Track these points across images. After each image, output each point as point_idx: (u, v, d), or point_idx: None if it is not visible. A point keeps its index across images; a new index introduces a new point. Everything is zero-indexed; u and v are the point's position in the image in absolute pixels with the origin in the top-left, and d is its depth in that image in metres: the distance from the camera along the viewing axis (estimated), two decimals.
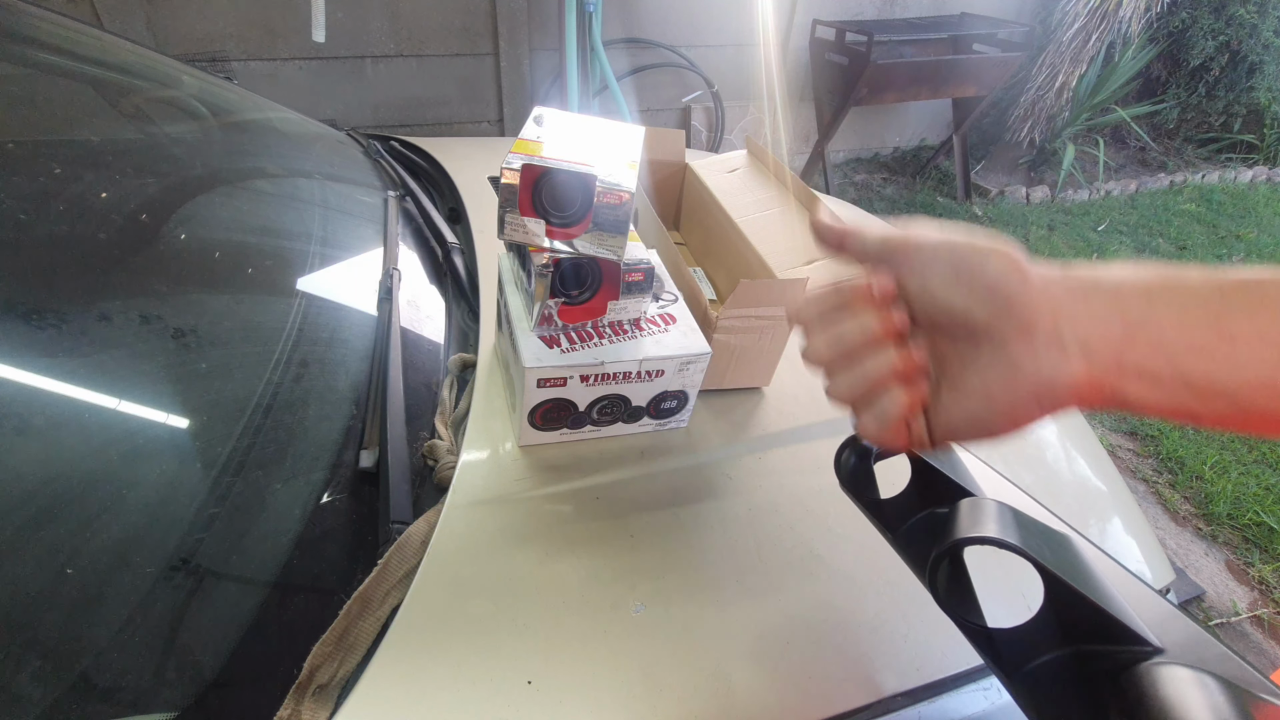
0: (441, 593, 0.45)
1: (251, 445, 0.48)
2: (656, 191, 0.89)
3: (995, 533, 0.29)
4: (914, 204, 2.99)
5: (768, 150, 0.83)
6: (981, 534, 0.29)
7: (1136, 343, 0.27)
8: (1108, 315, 0.27)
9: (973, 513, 0.31)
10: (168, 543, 0.41)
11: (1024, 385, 0.28)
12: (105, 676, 0.37)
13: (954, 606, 0.33)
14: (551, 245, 0.49)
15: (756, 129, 2.85)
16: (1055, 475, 0.69)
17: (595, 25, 2.22)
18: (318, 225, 0.75)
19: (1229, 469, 1.71)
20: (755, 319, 0.61)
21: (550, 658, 0.43)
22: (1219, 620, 1.37)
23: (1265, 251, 2.78)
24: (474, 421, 0.58)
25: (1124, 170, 3.44)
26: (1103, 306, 0.28)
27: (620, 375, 0.54)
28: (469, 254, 0.81)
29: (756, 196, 0.78)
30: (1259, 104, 3.41)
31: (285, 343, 0.57)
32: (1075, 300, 0.28)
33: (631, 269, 0.53)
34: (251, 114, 0.97)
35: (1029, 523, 0.31)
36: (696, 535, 0.53)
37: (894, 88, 2.61)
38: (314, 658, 0.40)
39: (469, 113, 2.48)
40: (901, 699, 0.45)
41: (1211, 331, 0.26)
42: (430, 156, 1.08)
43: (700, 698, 0.43)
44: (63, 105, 0.71)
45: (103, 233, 0.54)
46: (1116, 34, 2.75)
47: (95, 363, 0.45)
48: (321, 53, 2.16)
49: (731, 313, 0.59)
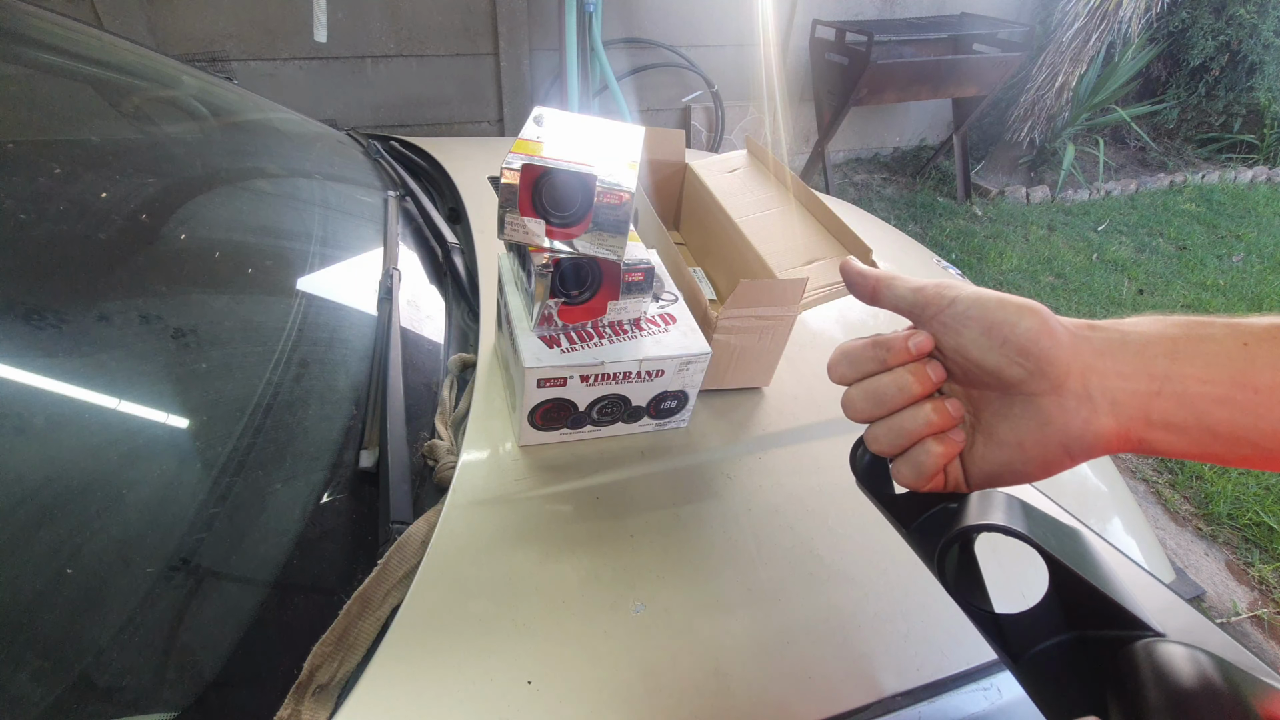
0: (441, 593, 0.45)
1: (251, 445, 0.48)
2: (656, 191, 0.89)
3: (1003, 521, 0.29)
4: (914, 204, 2.99)
5: (768, 150, 0.83)
6: (989, 522, 0.30)
7: (1162, 397, 0.28)
8: (1134, 372, 0.29)
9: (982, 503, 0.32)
10: (168, 543, 0.41)
11: (1055, 438, 0.30)
12: (105, 676, 0.37)
13: (962, 593, 0.33)
14: (551, 245, 0.49)
15: (756, 129, 2.85)
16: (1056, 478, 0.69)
17: (595, 25, 2.22)
18: (318, 225, 0.75)
19: (1229, 469, 1.71)
20: (755, 319, 0.61)
21: (550, 658, 0.43)
22: (1219, 620, 1.37)
23: (1265, 251, 2.78)
24: (474, 421, 0.58)
25: (1124, 170, 3.44)
26: (1129, 364, 0.29)
27: (620, 375, 0.54)
28: (469, 254, 0.81)
29: (756, 196, 0.78)
30: (1259, 104, 3.42)
31: (285, 343, 0.57)
32: (1103, 358, 0.29)
33: (631, 269, 0.53)
34: (251, 114, 0.97)
35: (1038, 515, 0.32)
36: (696, 535, 0.53)
37: (894, 88, 2.61)
38: (314, 658, 0.40)
39: (469, 113, 2.48)
40: (902, 699, 0.45)
41: (1235, 385, 0.27)
42: (430, 156, 1.08)
43: (700, 698, 0.43)
44: (63, 105, 0.71)
45: (103, 233, 0.54)
46: (1116, 34, 2.74)
47: (95, 363, 0.45)
48: (321, 53, 2.16)
49: (732, 313, 0.59)
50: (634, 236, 0.56)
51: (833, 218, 0.70)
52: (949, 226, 2.82)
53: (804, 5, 2.68)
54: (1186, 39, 3.21)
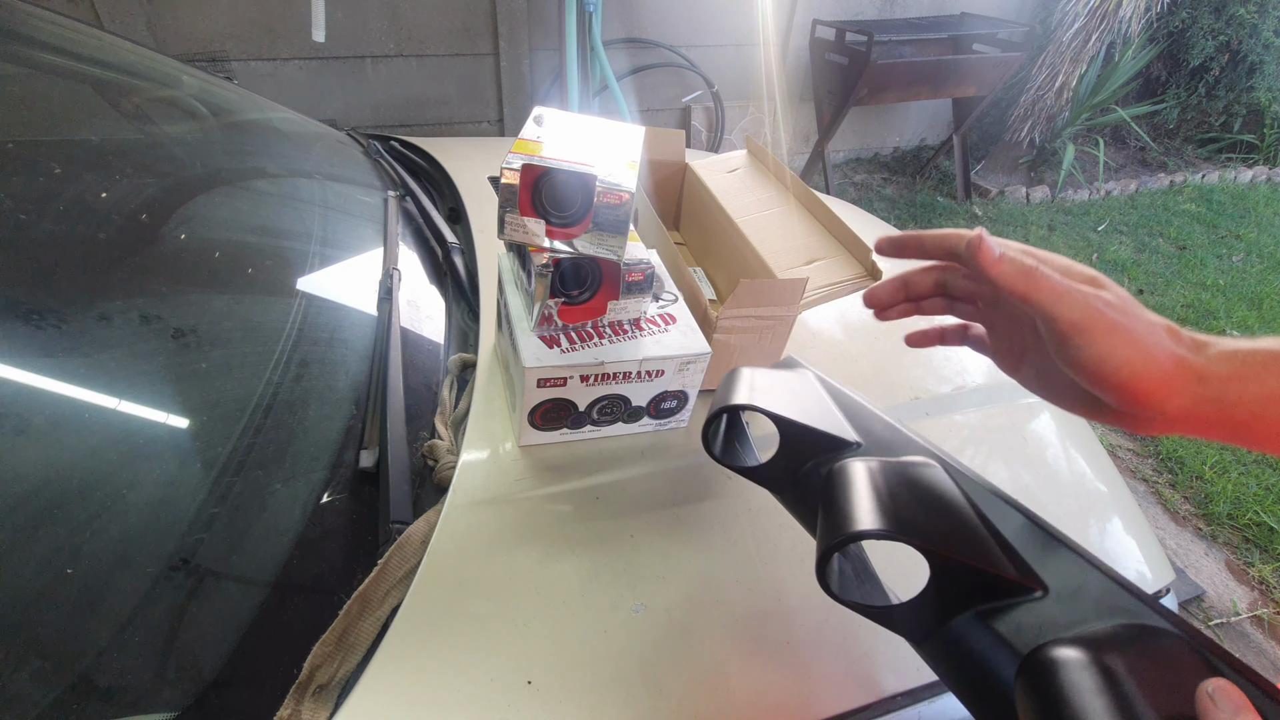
0: (441, 593, 0.45)
1: (251, 445, 0.48)
2: (656, 191, 0.89)
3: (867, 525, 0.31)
4: (914, 204, 2.99)
5: (767, 150, 0.84)
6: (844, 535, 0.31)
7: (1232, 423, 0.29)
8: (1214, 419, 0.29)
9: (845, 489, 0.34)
10: (168, 543, 0.41)
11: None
12: (105, 676, 0.37)
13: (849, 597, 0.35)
14: (551, 245, 0.49)
15: (756, 129, 2.85)
16: (1055, 475, 0.69)
17: (595, 25, 2.22)
18: (318, 225, 0.75)
19: (1229, 469, 1.71)
20: (755, 319, 0.60)
21: (550, 658, 0.43)
22: (1219, 620, 1.37)
23: (1265, 251, 2.78)
24: (474, 421, 0.58)
25: (1124, 170, 3.44)
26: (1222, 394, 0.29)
27: (620, 375, 0.54)
28: (469, 254, 0.81)
29: (757, 196, 0.78)
30: (1259, 104, 3.42)
31: (285, 343, 0.57)
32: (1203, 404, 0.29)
33: (631, 269, 0.53)
34: (251, 114, 0.97)
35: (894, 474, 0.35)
36: (696, 535, 0.53)
37: (894, 88, 2.61)
38: (314, 658, 0.40)
39: (469, 113, 2.47)
40: (902, 699, 0.45)
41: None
42: (430, 156, 1.08)
43: (700, 698, 0.43)
44: (63, 105, 0.71)
45: (103, 233, 0.54)
46: (1116, 34, 2.74)
47: (95, 363, 0.45)
48: (321, 53, 2.16)
49: (732, 313, 0.59)
50: (634, 236, 0.56)
51: (833, 218, 0.70)
52: (949, 226, 2.81)
53: (804, 5, 2.68)
54: (1186, 39, 3.21)
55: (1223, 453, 1.76)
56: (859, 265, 0.65)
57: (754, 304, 0.59)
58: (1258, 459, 1.76)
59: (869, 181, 3.20)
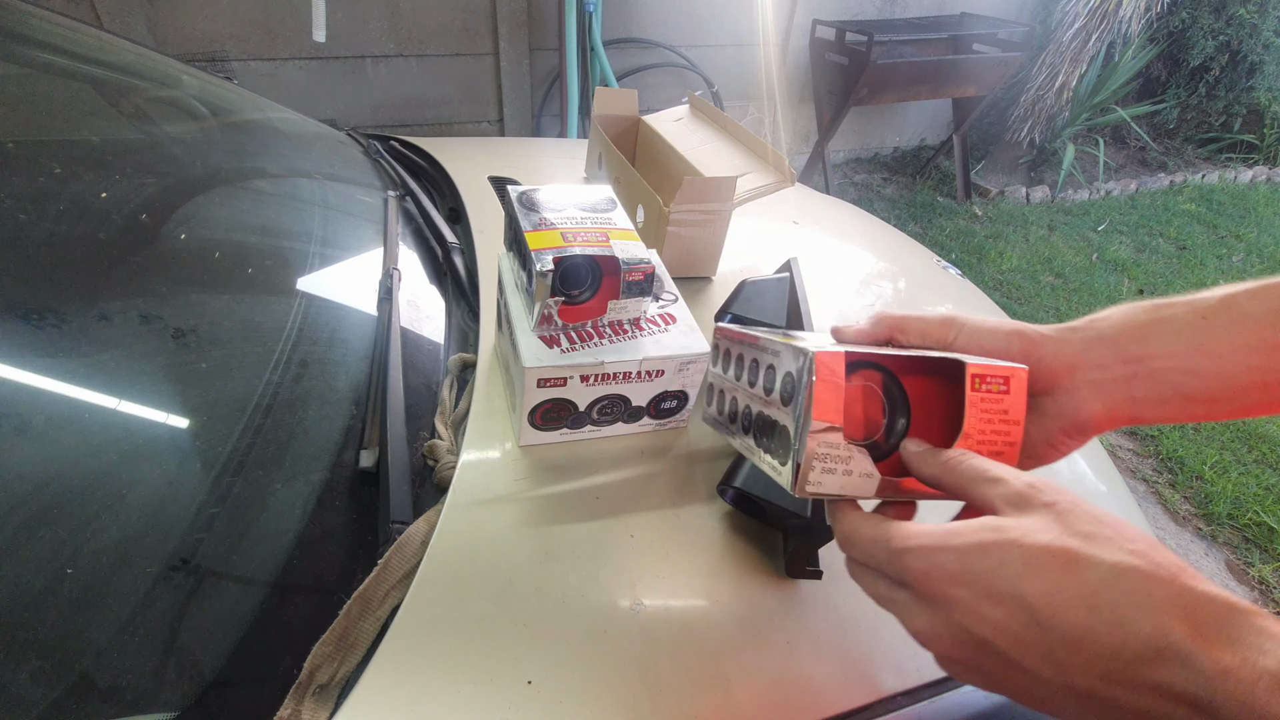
0: (441, 593, 0.45)
1: (251, 445, 0.48)
2: (616, 141, 1.03)
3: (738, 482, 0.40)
4: (914, 204, 2.99)
5: (707, 103, 1.02)
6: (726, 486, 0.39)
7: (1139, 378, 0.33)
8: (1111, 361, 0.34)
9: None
10: (168, 543, 0.41)
11: (1053, 426, 0.36)
12: (105, 676, 0.37)
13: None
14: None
15: (757, 128, 2.85)
16: (1055, 475, 0.69)
17: (595, 25, 2.22)
18: (318, 225, 0.75)
19: (1229, 469, 1.71)
20: (700, 213, 0.78)
21: (550, 658, 0.43)
22: None
23: (1265, 251, 2.78)
24: (474, 421, 0.58)
25: (1124, 170, 3.44)
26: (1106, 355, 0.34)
27: (620, 375, 0.54)
28: (469, 254, 0.81)
29: (699, 136, 0.97)
30: (1259, 104, 3.42)
31: (285, 343, 0.57)
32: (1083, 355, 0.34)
33: (631, 269, 0.53)
34: (251, 114, 0.97)
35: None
36: (696, 535, 0.53)
37: (894, 88, 2.61)
38: (314, 658, 0.40)
39: (469, 113, 2.48)
40: (901, 699, 0.45)
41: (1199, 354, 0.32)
42: (430, 156, 1.08)
43: (700, 698, 0.43)
44: (63, 105, 0.71)
45: (103, 233, 0.54)
46: (1116, 34, 2.75)
47: (95, 363, 0.45)
48: (321, 53, 2.16)
49: (681, 207, 0.76)
50: (632, 235, 0.56)
51: (759, 143, 0.88)
52: (949, 226, 2.82)
53: (804, 5, 2.68)
54: (1186, 39, 3.21)
55: (1223, 453, 1.77)
56: (778, 174, 0.83)
57: (697, 200, 0.76)
58: (1258, 459, 1.76)
59: (869, 181, 3.20)
